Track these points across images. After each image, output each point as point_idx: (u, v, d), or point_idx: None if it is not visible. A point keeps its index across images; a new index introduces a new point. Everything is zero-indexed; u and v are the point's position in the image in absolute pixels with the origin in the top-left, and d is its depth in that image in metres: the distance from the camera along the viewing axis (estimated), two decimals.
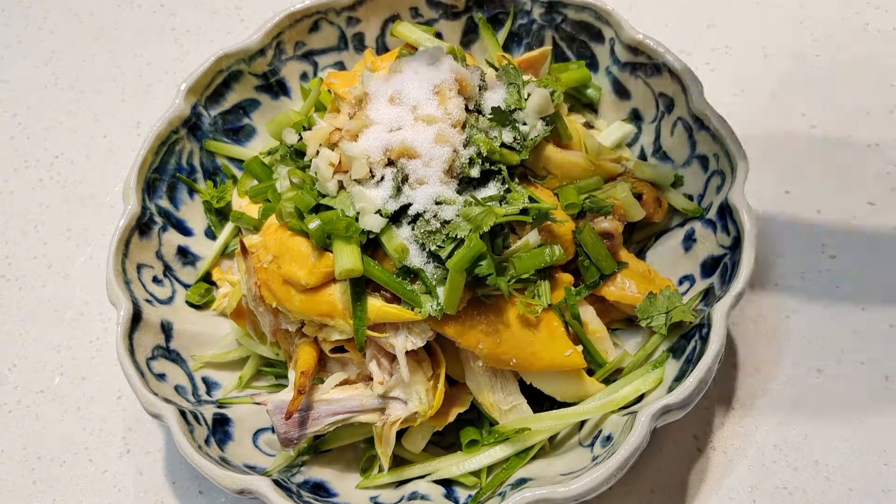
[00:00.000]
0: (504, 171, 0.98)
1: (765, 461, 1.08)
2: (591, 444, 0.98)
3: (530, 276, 0.97)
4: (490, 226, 0.91)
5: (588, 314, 1.03)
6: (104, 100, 1.55)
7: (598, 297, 1.05)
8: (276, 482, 0.93)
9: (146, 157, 1.14)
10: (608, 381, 1.03)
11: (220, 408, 1.06)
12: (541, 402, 1.03)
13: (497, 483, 0.98)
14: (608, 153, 1.14)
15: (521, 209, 0.95)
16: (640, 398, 0.99)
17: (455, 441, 1.04)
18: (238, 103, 1.24)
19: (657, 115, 1.16)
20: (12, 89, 1.59)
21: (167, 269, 1.15)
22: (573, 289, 1.02)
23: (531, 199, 0.97)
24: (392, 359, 0.98)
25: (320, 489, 1.01)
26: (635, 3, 1.51)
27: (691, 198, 1.11)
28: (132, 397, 1.19)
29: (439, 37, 1.26)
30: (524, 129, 1.01)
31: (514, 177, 1.00)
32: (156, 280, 1.12)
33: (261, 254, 1.00)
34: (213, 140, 1.22)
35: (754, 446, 1.09)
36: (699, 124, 1.08)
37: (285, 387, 1.05)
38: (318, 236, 0.95)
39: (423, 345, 0.96)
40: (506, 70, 1.06)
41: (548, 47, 1.20)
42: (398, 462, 1.03)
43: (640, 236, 1.16)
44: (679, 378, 0.95)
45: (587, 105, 1.24)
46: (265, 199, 1.11)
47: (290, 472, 1.02)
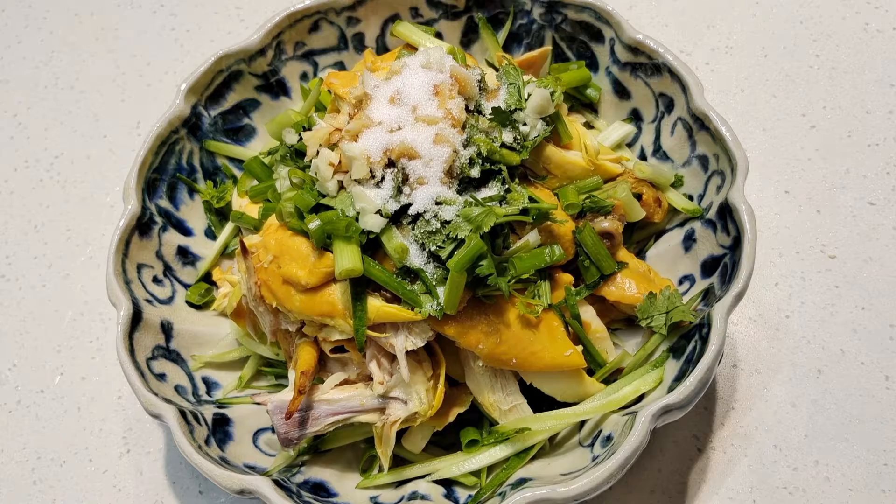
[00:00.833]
0: (504, 171, 0.98)
1: (765, 461, 1.08)
2: (591, 444, 0.98)
3: (530, 277, 0.97)
4: (490, 226, 0.91)
5: (588, 314, 1.03)
6: (104, 100, 1.56)
7: (598, 297, 1.05)
8: (276, 482, 0.93)
9: (146, 157, 1.14)
10: (608, 381, 1.03)
11: (220, 408, 1.06)
12: (541, 402, 1.03)
13: (497, 483, 0.98)
14: (608, 153, 1.14)
15: (522, 209, 0.95)
16: (640, 398, 0.99)
17: (455, 441, 1.04)
18: (238, 103, 1.25)
19: (657, 115, 1.16)
20: (12, 89, 1.59)
21: (167, 269, 1.15)
22: (573, 289, 1.02)
23: (531, 200, 0.97)
24: (392, 359, 0.98)
25: (320, 489, 1.01)
26: (635, 3, 1.51)
27: (691, 198, 1.11)
28: (132, 397, 1.19)
29: (439, 37, 1.26)
30: (524, 130, 1.01)
31: (514, 177, 1.00)
32: (156, 280, 1.12)
33: (261, 254, 1.00)
34: (213, 140, 1.22)
35: (754, 446, 1.09)
36: (699, 124, 1.08)
37: (285, 387, 1.05)
38: (319, 236, 0.95)
39: (423, 345, 0.96)
40: (506, 70, 1.06)
41: (548, 47, 1.20)
42: (398, 462, 1.03)
43: (640, 236, 1.16)
44: (679, 378, 0.95)
45: (587, 105, 1.24)
46: (265, 199, 1.11)
47: (290, 472, 1.02)
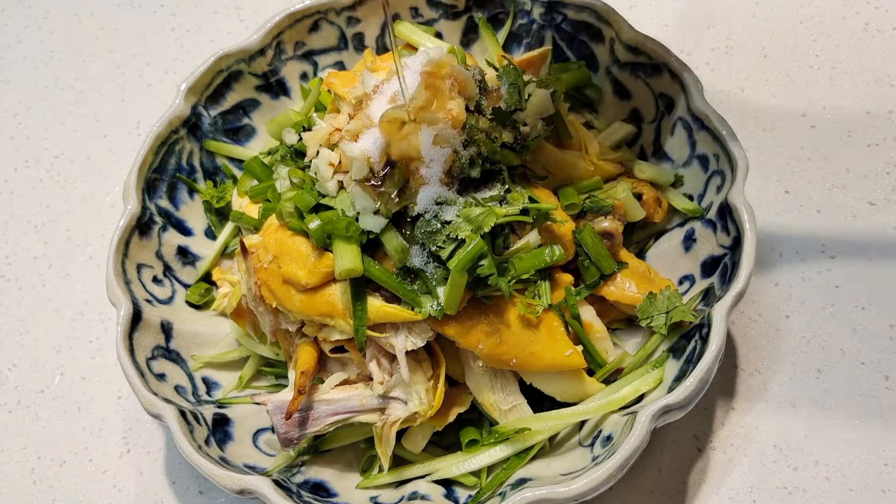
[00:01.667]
0: (504, 171, 0.98)
1: (765, 461, 1.08)
2: (591, 444, 0.98)
3: (530, 277, 0.97)
4: (491, 226, 0.91)
5: (588, 314, 1.03)
6: (104, 100, 1.55)
7: (598, 297, 1.05)
8: (276, 482, 0.93)
9: (146, 157, 1.14)
10: (608, 381, 1.03)
11: (220, 408, 1.06)
12: (541, 402, 1.03)
13: (497, 483, 0.98)
14: (608, 153, 1.14)
15: (522, 209, 0.95)
16: (640, 398, 0.99)
17: (455, 441, 1.04)
18: (238, 103, 1.25)
19: (657, 115, 1.16)
20: (12, 89, 1.59)
21: (167, 269, 1.15)
22: (573, 289, 1.02)
23: (531, 200, 0.97)
24: (392, 359, 0.98)
25: (320, 489, 1.01)
26: (635, 3, 1.51)
27: (691, 198, 1.11)
28: (132, 397, 1.19)
29: (439, 37, 1.26)
30: (524, 130, 1.01)
31: (514, 177, 1.00)
32: (156, 280, 1.12)
33: (261, 254, 1.00)
34: (213, 140, 1.22)
35: (754, 446, 1.09)
36: (699, 124, 1.08)
37: (285, 387, 1.05)
38: (319, 236, 0.95)
39: (423, 345, 0.96)
40: (506, 70, 1.06)
41: (548, 47, 1.20)
42: (398, 462, 1.03)
43: (640, 236, 1.16)
44: (679, 378, 0.95)
45: (587, 105, 1.24)
46: (265, 199, 1.11)
47: (290, 472, 1.02)
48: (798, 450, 1.08)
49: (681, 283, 1.09)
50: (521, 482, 0.96)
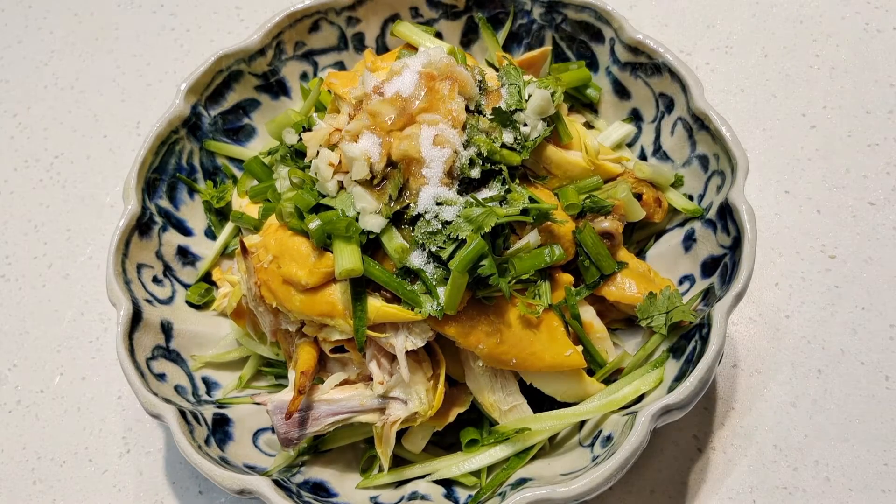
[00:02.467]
0: (504, 171, 0.98)
1: (765, 461, 1.08)
2: (592, 444, 0.98)
3: (531, 277, 0.97)
4: (491, 226, 0.91)
5: (588, 314, 1.03)
6: (104, 100, 1.56)
7: (598, 297, 1.05)
8: (276, 482, 0.93)
9: (146, 157, 1.14)
10: (608, 381, 1.03)
11: (220, 408, 1.06)
12: (541, 402, 1.03)
13: (497, 483, 0.98)
14: (608, 153, 1.14)
15: (522, 209, 0.95)
16: (640, 398, 0.99)
17: (455, 441, 1.04)
18: (238, 103, 1.25)
19: (657, 115, 1.16)
20: (12, 89, 1.59)
21: (167, 269, 1.15)
22: (573, 289, 1.02)
23: (531, 200, 0.97)
24: (392, 359, 0.98)
25: (320, 489, 1.01)
26: (635, 3, 1.51)
27: (691, 198, 1.11)
28: (132, 397, 1.19)
29: (439, 37, 1.26)
30: (524, 130, 1.01)
31: (514, 177, 1.00)
32: (156, 280, 1.12)
33: (261, 254, 1.00)
34: (213, 140, 1.22)
35: (754, 446, 1.09)
36: (699, 124, 1.08)
37: (285, 387, 1.05)
38: (319, 236, 0.95)
39: (423, 345, 0.96)
40: (506, 70, 1.06)
41: (548, 47, 1.20)
42: (398, 462, 1.03)
43: (640, 236, 1.16)
44: (679, 378, 0.95)
45: (587, 105, 1.24)
46: (265, 199, 1.11)
47: (290, 472, 1.02)
48: (798, 450, 1.08)
49: (681, 283, 1.09)
50: (521, 482, 0.96)
